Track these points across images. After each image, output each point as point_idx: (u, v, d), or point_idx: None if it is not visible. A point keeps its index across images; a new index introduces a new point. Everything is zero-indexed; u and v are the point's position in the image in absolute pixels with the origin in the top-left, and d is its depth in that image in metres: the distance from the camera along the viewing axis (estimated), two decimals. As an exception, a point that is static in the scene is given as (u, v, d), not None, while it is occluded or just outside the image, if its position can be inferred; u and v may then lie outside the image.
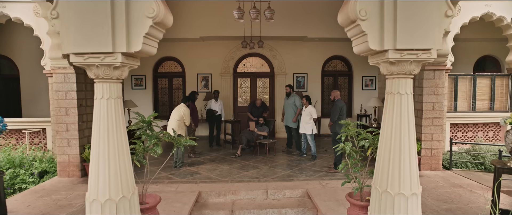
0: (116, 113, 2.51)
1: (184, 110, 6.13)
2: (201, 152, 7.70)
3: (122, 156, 2.54)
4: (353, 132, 3.23)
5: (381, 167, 2.67)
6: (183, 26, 8.67)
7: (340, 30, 8.49)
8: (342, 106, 5.83)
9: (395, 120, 2.58)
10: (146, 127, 3.03)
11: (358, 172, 3.27)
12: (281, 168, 6.21)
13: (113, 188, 2.47)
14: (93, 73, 2.45)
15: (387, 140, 2.62)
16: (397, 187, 2.55)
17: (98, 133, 2.47)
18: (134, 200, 2.63)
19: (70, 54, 2.38)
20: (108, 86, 2.48)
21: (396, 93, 2.59)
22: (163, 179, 5.55)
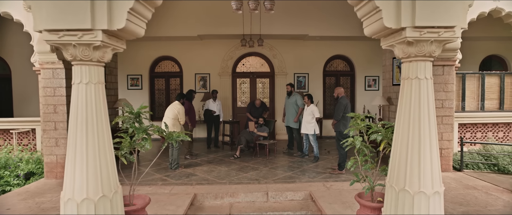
0: (97, 100, 2.21)
1: (178, 108, 5.82)
2: (198, 153, 7.37)
3: (103, 150, 2.23)
4: (363, 126, 2.92)
5: (397, 163, 2.36)
6: (180, 24, 8.41)
7: (342, 28, 8.24)
8: (346, 103, 5.53)
9: (414, 108, 2.27)
10: (134, 119, 2.72)
11: (368, 170, 2.95)
12: (282, 170, 5.88)
13: (91, 186, 2.15)
14: (69, 54, 2.15)
15: (404, 132, 2.32)
16: (416, 185, 2.24)
17: (75, 123, 2.16)
18: (116, 200, 2.31)
19: (43, 31, 2.09)
20: (88, 70, 2.18)
21: (414, 78, 2.29)
22: (157, 181, 5.22)
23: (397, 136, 2.38)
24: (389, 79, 6.94)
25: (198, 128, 9.39)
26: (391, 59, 6.81)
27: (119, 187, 2.39)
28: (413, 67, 2.30)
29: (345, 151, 5.54)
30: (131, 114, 2.71)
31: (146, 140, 2.70)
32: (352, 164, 2.89)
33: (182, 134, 2.88)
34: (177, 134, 2.85)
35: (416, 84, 2.28)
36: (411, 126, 2.28)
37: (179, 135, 2.86)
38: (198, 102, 9.14)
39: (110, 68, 6.70)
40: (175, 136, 2.84)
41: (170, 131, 2.85)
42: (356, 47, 9.58)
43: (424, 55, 2.25)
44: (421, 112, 2.25)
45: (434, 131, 2.28)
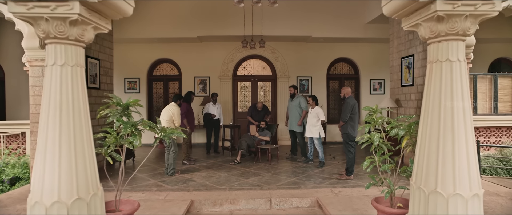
0: (74, 86, 1.88)
1: (174, 109, 5.49)
2: (196, 159, 7.00)
3: (81, 144, 1.89)
4: (381, 120, 2.58)
5: (425, 161, 2.01)
6: (179, 25, 8.15)
7: (346, 30, 7.93)
8: (354, 104, 5.19)
9: (445, 96, 1.94)
10: (121, 112, 2.39)
11: (388, 171, 2.60)
12: (285, 175, 5.51)
13: (64, 187, 1.81)
14: (41, 30, 1.83)
15: (434, 125, 1.97)
16: (451, 186, 1.89)
17: (46, 112, 1.83)
18: (95, 204, 1.96)
19: (8, 2, 1.77)
20: (63, 49, 1.86)
21: (445, 60, 1.96)
22: (152, 187, 4.85)
23: (424, 130, 2.04)
24: (397, 80, 6.62)
25: (197, 133, 9.04)
26: (399, 59, 6.50)
27: (99, 189, 2.04)
28: (443, 48, 1.97)
29: (353, 155, 5.18)
30: (118, 106, 2.38)
31: (135, 136, 2.35)
32: (368, 164, 2.54)
33: (177, 131, 2.54)
34: (170, 130, 2.51)
35: (447, 67, 1.95)
36: (443, 118, 1.94)
37: (173, 131, 2.52)
38: (198, 106, 8.82)
39: (105, 68, 6.40)
40: (168, 132, 2.50)
41: (163, 126, 2.51)
42: (360, 49, 9.30)
43: (456, 33, 1.93)
44: (454, 100, 1.92)
45: (470, 122, 1.94)
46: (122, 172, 2.62)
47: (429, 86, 2.06)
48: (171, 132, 2.52)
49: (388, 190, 2.47)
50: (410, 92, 6.12)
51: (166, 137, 2.49)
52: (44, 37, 1.85)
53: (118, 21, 7.80)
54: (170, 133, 2.51)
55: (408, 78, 6.20)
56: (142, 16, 8.09)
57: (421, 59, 5.69)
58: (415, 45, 5.89)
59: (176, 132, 2.52)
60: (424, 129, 2.05)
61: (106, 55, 6.45)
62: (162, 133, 2.50)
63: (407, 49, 6.19)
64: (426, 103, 2.06)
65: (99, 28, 2.07)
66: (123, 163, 2.56)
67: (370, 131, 2.70)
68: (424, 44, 5.59)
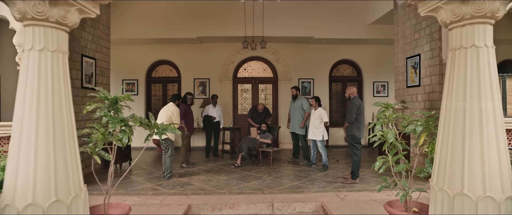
0: (55, 74, 1.67)
1: (173, 109, 5.28)
2: (195, 162, 6.77)
3: (61, 141, 1.67)
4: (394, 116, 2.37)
5: (448, 160, 1.79)
6: (178, 26, 7.98)
7: (349, 31, 7.74)
8: (359, 104, 4.98)
9: (471, 87, 1.72)
10: (109, 106, 2.18)
11: (402, 172, 2.37)
12: (288, 179, 5.27)
13: (40, 187, 1.59)
14: (17, 9, 1.63)
15: (458, 119, 1.76)
16: (480, 188, 1.67)
17: (22, 103, 1.62)
18: (77, 206, 1.73)
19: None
20: (42, 32, 1.65)
21: (470, 46, 1.75)
22: (147, 191, 4.62)
23: (446, 125, 1.82)
24: (403, 81, 6.41)
25: (196, 136, 8.82)
26: (405, 59, 6.30)
27: (82, 190, 1.81)
28: (468, 32, 1.76)
29: (359, 157, 4.95)
30: (106, 100, 2.17)
31: (124, 132, 2.14)
32: (381, 164, 2.31)
33: (171, 127, 2.32)
34: (163, 126, 2.30)
35: (473, 54, 1.74)
36: (468, 111, 1.72)
37: (167, 127, 2.31)
38: (197, 109, 8.61)
39: (102, 68, 6.21)
40: (161, 129, 2.28)
41: (155, 122, 2.30)
42: (363, 51, 9.11)
43: (483, 16, 1.72)
44: (481, 91, 1.70)
45: (500, 118, 1.72)
46: (112, 174, 2.39)
47: (451, 77, 1.84)
48: (164, 129, 2.30)
49: (404, 193, 2.24)
50: (416, 93, 5.91)
51: (159, 134, 2.27)
52: (20, 18, 1.64)
53: (116, 21, 7.65)
54: (164, 129, 2.29)
55: (414, 79, 5.99)
56: (141, 16, 7.92)
57: (429, 59, 5.49)
58: (421, 44, 5.69)
59: (170, 128, 2.30)
60: (446, 125, 1.83)
61: (103, 54, 6.26)
62: (154, 129, 2.29)
63: (413, 48, 5.99)
64: (448, 95, 1.85)
65: (85, 12, 1.87)
66: (112, 163, 2.34)
67: (379, 129, 2.48)
68: (431, 43, 5.40)
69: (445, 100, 1.87)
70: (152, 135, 2.30)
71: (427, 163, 2.21)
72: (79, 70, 5.39)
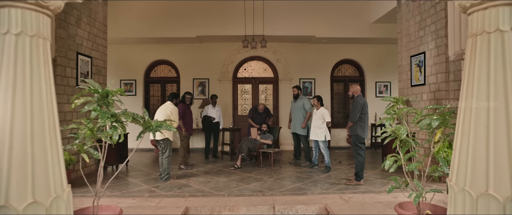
0: (34, 62, 1.51)
1: (171, 108, 5.11)
2: (194, 164, 6.59)
3: (41, 136, 1.50)
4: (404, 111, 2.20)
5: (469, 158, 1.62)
6: (177, 25, 7.84)
7: (351, 30, 7.59)
8: (363, 103, 4.81)
9: (494, 75, 1.55)
10: (99, 100, 2.01)
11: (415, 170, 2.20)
12: (289, 181, 5.09)
13: (15, 188, 1.41)
14: (-9, -12, 1.46)
15: (481, 112, 1.59)
16: (508, 189, 1.49)
17: (-4, 92, 1.45)
18: (59, 208, 1.56)
19: None
20: (19, 14, 1.49)
21: (494, 31, 1.58)
22: (144, 192, 4.43)
23: (467, 119, 1.65)
24: (407, 80, 6.25)
25: (195, 138, 8.64)
26: (409, 58, 6.14)
27: (65, 190, 1.64)
28: (492, 15, 1.59)
29: (363, 158, 4.78)
30: (96, 93, 2.00)
31: (115, 129, 1.97)
32: (391, 163, 2.13)
33: (165, 124, 2.16)
34: (158, 123, 2.13)
35: (497, 39, 1.58)
36: (493, 104, 1.55)
37: (162, 124, 2.14)
38: (196, 110, 8.44)
39: (98, 67, 6.05)
40: (155, 125, 2.11)
41: (149, 119, 2.13)
42: (365, 50, 8.96)
43: (508, -4, 1.56)
44: (508, 80, 1.53)
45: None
46: (101, 174, 2.22)
47: (471, 66, 1.68)
48: (158, 126, 2.13)
49: (418, 194, 2.06)
50: (421, 92, 5.74)
51: (153, 131, 2.11)
52: (-6, -1, 1.48)
53: (114, 20, 7.50)
54: (158, 126, 2.13)
55: (419, 77, 5.83)
56: (139, 15, 7.78)
57: (434, 56, 5.33)
58: (426, 42, 5.54)
59: (165, 125, 2.13)
60: (466, 119, 1.66)
61: (99, 53, 6.10)
62: (148, 126, 2.12)
63: (418, 46, 5.83)
64: (468, 87, 1.67)
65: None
66: (102, 163, 2.17)
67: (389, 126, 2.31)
68: (436, 40, 5.24)
69: (464, 92, 1.70)
70: (145, 132, 2.13)
71: (442, 161, 2.04)
72: (74, 69, 5.23)
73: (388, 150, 6.28)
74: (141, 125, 2.13)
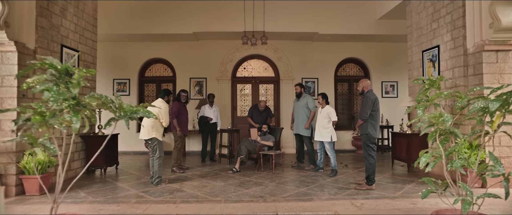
0: None
1: (161, 105, 4.65)
2: (189, 167, 6.12)
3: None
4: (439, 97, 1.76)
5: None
6: (173, 20, 7.44)
7: (355, 26, 7.14)
8: (375, 99, 4.36)
9: None
10: (57, 79, 1.56)
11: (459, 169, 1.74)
12: (293, 185, 4.63)
13: None
14: None
15: None
16: None
17: None
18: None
19: None
20: None
21: None
22: (130, 198, 3.96)
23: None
24: (418, 76, 5.81)
25: (192, 140, 8.19)
26: (420, 53, 5.72)
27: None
28: None
29: (375, 160, 4.32)
30: (52, 68, 1.55)
31: (76, 114, 1.52)
32: (428, 159, 1.68)
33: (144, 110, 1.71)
34: (130, 108, 1.69)
35: None
36: None
37: (138, 110, 1.70)
38: (193, 110, 8.00)
39: (87, 62, 5.62)
40: (128, 111, 1.67)
41: (121, 103, 1.69)
42: (370, 49, 8.55)
43: None
44: None
45: None
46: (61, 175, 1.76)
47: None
48: (133, 112, 1.69)
49: (467, 200, 1.60)
50: (435, 89, 5.30)
51: (125, 118, 1.66)
52: None
53: (106, 16, 7.09)
54: (132, 112, 1.68)
55: (432, 73, 5.40)
56: (132, 10, 7.38)
57: (450, 49, 4.91)
58: (441, 34, 5.12)
59: (143, 110, 1.69)
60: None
61: (88, 47, 5.68)
62: (120, 112, 1.67)
63: (431, 40, 5.42)
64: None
65: None
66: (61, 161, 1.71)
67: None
68: (452, 31, 4.82)
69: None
70: (116, 120, 1.69)
71: (493, 159, 1.59)
72: (58, 62, 4.78)
73: (398, 151, 5.82)
74: (112, 111, 1.68)
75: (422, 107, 1.83)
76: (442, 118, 1.57)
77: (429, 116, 1.61)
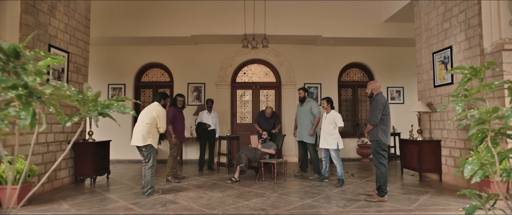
0: None
1: (158, 110, 4.31)
2: (185, 176, 5.74)
3: None
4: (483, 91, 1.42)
5: None
6: (170, 23, 7.16)
7: (360, 29, 6.82)
8: (385, 102, 4.01)
9: None
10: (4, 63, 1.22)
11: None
12: (297, 196, 4.24)
13: None
14: None
15: None
16: None
17: None
18: None
19: None
20: None
21: None
22: (118, 210, 3.58)
23: None
24: (428, 80, 5.49)
25: (189, 147, 7.82)
26: (430, 55, 5.41)
27: None
28: None
29: (386, 168, 3.95)
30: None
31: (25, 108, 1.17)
32: (477, 168, 1.32)
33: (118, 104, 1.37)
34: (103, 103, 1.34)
35: None
36: None
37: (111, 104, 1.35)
38: (191, 117, 7.66)
39: (78, 65, 5.30)
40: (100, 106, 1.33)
41: (91, 95, 1.34)
42: (375, 53, 8.26)
43: None
44: None
45: None
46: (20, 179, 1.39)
47: None
48: (106, 106, 1.34)
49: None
50: (448, 92, 4.97)
51: (94, 114, 1.31)
52: None
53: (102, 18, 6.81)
54: (103, 107, 1.34)
55: (444, 76, 5.07)
56: (128, 12, 7.11)
57: (464, 50, 4.59)
58: (454, 34, 4.81)
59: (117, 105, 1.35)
60: None
61: (79, 49, 5.37)
62: (89, 106, 1.33)
63: (442, 41, 5.11)
64: None
65: None
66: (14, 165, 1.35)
67: None
68: (467, 31, 4.51)
69: None
70: (83, 116, 1.34)
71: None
72: (45, 63, 4.46)
73: (409, 159, 5.45)
74: (78, 105, 1.34)
75: (461, 103, 1.48)
76: (496, 114, 1.22)
77: (482, 110, 1.26)
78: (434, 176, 5.32)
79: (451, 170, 4.90)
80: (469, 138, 4.48)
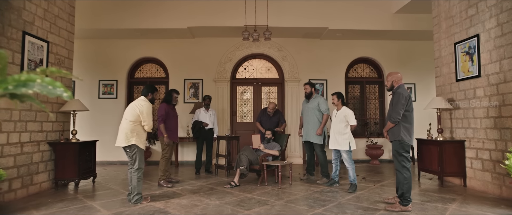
0: None
1: (142, 105, 3.75)
2: (180, 180, 5.20)
3: None
4: None
5: None
6: (166, 14, 6.63)
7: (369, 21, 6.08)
8: (408, 95, 3.47)
9: None
10: None
11: None
12: (305, 204, 3.70)
13: None
14: None
15: None
16: None
17: None
18: None
19: None
20: None
21: None
22: (96, 223, 3.04)
23: None
24: (449, 74, 4.95)
25: (185, 149, 7.28)
26: (452, 45, 4.87)
27: None
28: None
29: (410, 173, 3.41)
30: None
31: None
32: None
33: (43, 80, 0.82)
34: (15, 77, 0.80)
35: None
36: None
37: (28, 80, 0.81)
38: (187, 115, 7.12)
39: (59, 56, 4.76)
40: (10, 82, 0.79)
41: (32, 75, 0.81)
42: (384, 47, 7.72)
43: None
44: None
45: None
46: None
47: None
48: (20, 84, 0.81)
49: None
50: (474, 87, 4.42)
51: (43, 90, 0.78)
52: None
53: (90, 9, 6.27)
54: (18, 84, 0.80)
55: (469, 68, 4.53)
56: (119, 3, 6.57)
57: (495, 38, 4.04)
58: (481, 21, 4.27)
59: (43, 82, 0.80)
60: None
61: (62, 39, 4.83)
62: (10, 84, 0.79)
63: (466, 29, 4.56)
64: None
65: None
66: None
67: None
68: (499, 15, 3.97)
69: None
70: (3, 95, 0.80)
71: None
72: (19, 52, 3.93)
73: (428, 162, 4.90)
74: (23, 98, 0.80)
75: None
76: None
77: None
78: (457, 181, 4.78)
79: (478, 174, 4.36)
80: (502, 138, 3.94)
